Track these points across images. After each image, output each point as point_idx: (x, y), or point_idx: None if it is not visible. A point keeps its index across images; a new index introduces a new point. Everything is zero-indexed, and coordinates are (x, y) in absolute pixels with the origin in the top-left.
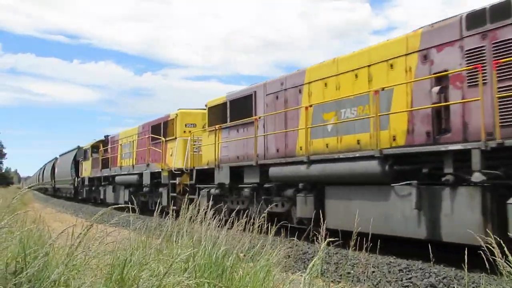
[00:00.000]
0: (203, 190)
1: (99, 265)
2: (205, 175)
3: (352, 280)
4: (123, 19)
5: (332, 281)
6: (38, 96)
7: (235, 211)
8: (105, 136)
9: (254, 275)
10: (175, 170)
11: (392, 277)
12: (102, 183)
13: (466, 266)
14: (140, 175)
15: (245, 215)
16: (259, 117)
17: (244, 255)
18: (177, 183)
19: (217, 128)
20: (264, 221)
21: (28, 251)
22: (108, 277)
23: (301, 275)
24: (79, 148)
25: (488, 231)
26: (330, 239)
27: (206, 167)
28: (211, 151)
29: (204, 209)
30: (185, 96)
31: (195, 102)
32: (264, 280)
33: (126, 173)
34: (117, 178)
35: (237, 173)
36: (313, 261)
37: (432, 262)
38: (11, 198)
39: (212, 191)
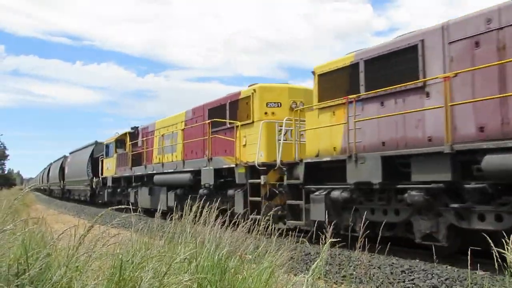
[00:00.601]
0: (316, 193)
1: (101, 267)
2: (314, 172)
3: (355, 282)
4: (125, 20)
5: (334, 283)
6: (41, 98)
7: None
8: (133, 128)
9: (257, 277)
10: (259, 165)
11: (395, 278)
12: (133, 184)
13: (469, 267)
14: (195, 173)
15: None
16: (453, 75)
17: (250, 256)
18: (262, 183)
19: (351, 99)
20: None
21: (30, 253)
22: (110, 279)
23: (304, 277)
24: (97, 143)
25: None
26: (333, 240)
27: (327, 159)
28: (327, 136)
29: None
30: (187, 97)
31: (199, 102)
32: (267, 282)
33: (171, 170)
34: (156, 177)
35: (390, 166)
36: (316, 262)
37: (435, 263)
38: (14, 199)
39: (336, 194)
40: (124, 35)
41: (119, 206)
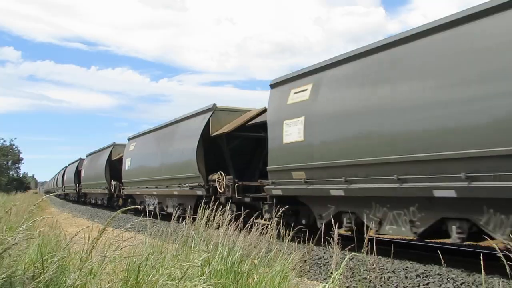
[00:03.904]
0: None
1: (115, 270)
2: None
3: (368, 286)
4: (141, 26)
5: (347, 287)
6: (57, 102)
7: None
8: None
9: (270, 280)
10: None
11: (409, 283)
12: None
13: (483, 271)
14: None
15: None
16: None
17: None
18: None
19: None
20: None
21: (46, 256)
22: (124, 282)
23: (325, 285)
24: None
25: None
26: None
27: None
28: None
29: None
30: (201, 101)
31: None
32: (280, 285)
33: None
34: None
35: None
36: (336, 272)
37: (444, 267)
38: (32, 203)
39: None
40: (139, 40)
41: None
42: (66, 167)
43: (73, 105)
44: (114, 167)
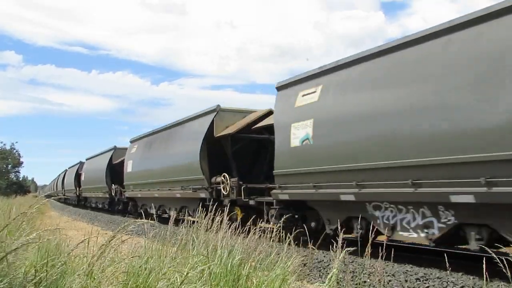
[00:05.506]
0: None
1: (114, 273)
2: None
3: None
4: (142, 30)
5: None
6: (58, 106)
7: None
8: None
9: (269, 284)
10: None
11: (409, 286)
12: None
13: (485, 274)
14: None
15: None
16: None
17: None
18: None
19: None
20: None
21: (46, 260)
22: (124, 285)
23: (320, 285)
24: None
25: None
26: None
27: None
28: None
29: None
30: (201, 105)
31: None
32: None
33: None
34: None
35: None
36: (331, 272)
37: (448, 271)
38: (33, 207)
39: None
40: (139, 44)
41: None
42: (81, 162)
43: (74, 108)
44: (214, 152)
